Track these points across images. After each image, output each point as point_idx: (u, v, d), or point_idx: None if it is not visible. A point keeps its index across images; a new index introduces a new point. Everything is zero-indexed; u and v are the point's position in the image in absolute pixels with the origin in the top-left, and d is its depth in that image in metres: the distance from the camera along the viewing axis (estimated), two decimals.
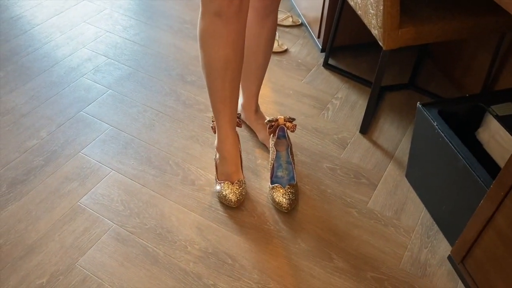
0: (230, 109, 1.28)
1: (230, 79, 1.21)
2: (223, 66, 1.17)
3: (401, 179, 1.48)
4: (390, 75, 1.89)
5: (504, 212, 0.99)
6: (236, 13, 1.08)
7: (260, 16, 1.32)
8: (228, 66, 1.18)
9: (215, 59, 1.16)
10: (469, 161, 1.14)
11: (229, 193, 1.34)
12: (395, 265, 1.26)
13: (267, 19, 1.33)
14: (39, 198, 1.37)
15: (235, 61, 1.17)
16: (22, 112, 1.64)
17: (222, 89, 1.23)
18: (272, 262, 1.25)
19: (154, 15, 2.16)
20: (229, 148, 1.35)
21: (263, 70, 1.45)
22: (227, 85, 1.22)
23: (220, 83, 1.22)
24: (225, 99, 1.25)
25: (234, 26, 1.11)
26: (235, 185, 1.35)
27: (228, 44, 1.13)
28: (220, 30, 1.11)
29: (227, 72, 1.19)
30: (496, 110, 1.26)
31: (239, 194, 1.34)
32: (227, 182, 1.36)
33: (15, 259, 1.23)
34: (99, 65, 1.87)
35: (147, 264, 1.23)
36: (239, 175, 1.37)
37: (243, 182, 1.38)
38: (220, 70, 1.19)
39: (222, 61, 1.16)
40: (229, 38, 1.12)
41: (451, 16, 1.39)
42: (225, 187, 1.35)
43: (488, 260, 1.07)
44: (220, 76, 1.20)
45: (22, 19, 2.09)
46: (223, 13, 1.08)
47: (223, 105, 1.27)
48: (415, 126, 1.34)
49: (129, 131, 1.60)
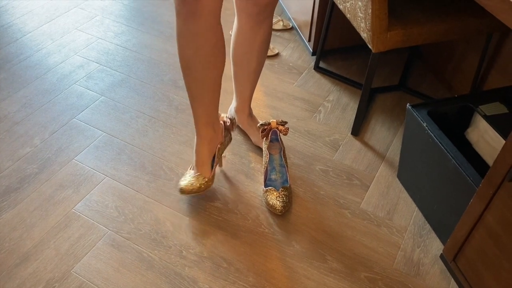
0: (201, 107, 1.29)
1: (196, 77, 1.21)
2: (187, 64, 1.19)
3: (393, 179, 1.50)
4: (381, 77, 1.91)
5: (494, 210, 1.00)
6: (191, 14, 1.08)
7: (254, 21, 1.33)
8: (191, 65, 1.19)
9: (180, 57, 1.20)
10: (459, 161, 1.16)
11: (182, 180, 1.35)
12: (389, 265, 1.28)
13: (261, 25, 1.34)
14: (33, 206, 1.38)
15: (196, 60, 1.17)
16: (15, 120, 1.64)
17: (190, 86, 1.25)
18: (267, 265, 1.26)
19: (145, 21, 2.17)
20: (199, 142, 1.36)
21: (257, 75, 1.47)
22: (194, 83, 1.23)
23: (188, 80, 1.24)
24: (194, 95, 1.27)
25: (192, 26, 1.11)
26: (194, 177, 1.34)
27: (189, 43, 1.14)
28: (181, 29, 1.13)
29: (191, 70, 1.20)
30: (485, 110, 1.28)
31: (190, 185, 1.32)
32: (191, 171, 1.37)
33: (11, 267, 1.23)
34: (91, 72, 1.87)
35: (143, 269, 1.24)
36: (203, 170, 1.35)
37: (205, 179, 1.35)
38: (185, 67, 1.21)
39: (185, 59, 1.18)
40: (188, 38, 1.14)
41: (439, 18, 1.41)
42: (187, 174, 1.37)
43: (479, 258, 1.08)
44: (186, 74, 1.22)
45: (13, 27, 2.09)
46: (180, 13, 1.09)
47: (193, 100, 1.28)
48: (405, 127, 1.36)
49: (122, 137, 1.60)
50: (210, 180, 1.36)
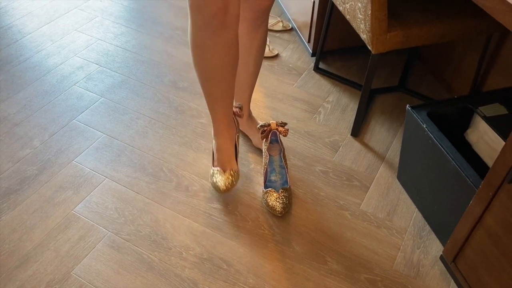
0: (222, 108, 1.30)
1: (221, 83, 1.22)
2: (212, 73, 1.19)
3: (393, 180, 1.50)
4: (381, 78, 1.91)
5: (493, 212, 1.00)
6: (220, 28, 1.09)
7: (251, 27, 1.33)
8: (217, 72, 1.19)
9: (204, 67, 1.19)
10: (459, 162, 1.16)
11: (219, 180, 1.36)
12: (389, 266, 1.28)
13: (258, 29, 1.34)
14: (33, 208, 1.38)
15: (223, 67, 1.18)
16: (15, 122, 1.64)
17: (213, 92, 1.26)
18: (267, 266, 1.26)
19: (145, 22, 2.17)
20: (222, 141, 1.37)
21: (255, 77, 1.47)
22: (217, 88, 1.24)
23: (210, 87, 1.24)
24: (217, 98, 1.28)
25: (220, 38, 1.11)
26: (226, 173, 1.36)
27: (215, 54, 1.14)
28: (206, 42, 1.12)
29: (217, 77, 1.21)
30: (484, 111, 1.28)
31: (228, 183, 1.35)
32: (219, 170, 1.37)
33: (10, 269, 1.23)
34: (91, 73, 1.87)
35: (143, 271, 1.24)
36: (232, 164, 1.38)
37: (236, 171, 1.38)
38: (210, 77, 1.21)
39: (211, 69, 1.18)
40: (216, 49, 1.13)
41: (438, 20, 1.41)
42: (217, 174, 1.37)
43: (479, 259, 1.08)
44: (210, 81, 1.22)
45: (12, 28, 2.09)
46: (208, 27, 1.08)
47: (215, 104, 1.29)
48: (405, 129, 1.36)
49: (122, 138, 1.60)
50: (238, 170, 1.40)
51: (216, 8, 1.04)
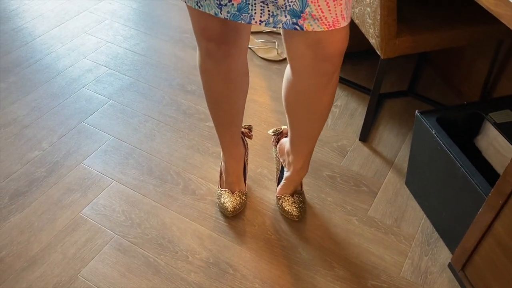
0: (229, 132, 1.30)
1: (226, 109, 1.23)
2: (216, 99, 1.20)
3: (401, 186, 1.49)
4: (389, 82, 1.90)
5: (503, 220, 0.99)
6: (224, 57, 1.08)
7: (322, 84, 1.02)
8: (221, 99, 1.20)
9: (208, 92, 1.20)
10: (468, 169, 1.14)
11: (227, 201, 1.36)
12: (396, 273, 1.27)
13: (328, 85, 1.03)
14: (41, 210, 1.38)
15: (227, 94, 1.19)
16: (24, 124, 1.66)
17: (218, 116, 1.26)
18: (274, 272, 1.26)
19: (154, 25, 2.18)
20: (231, 163, 1.37)
21: (317, 137, 1.22)
22: (222, 113, 1.25)
23: (216, 112, 1.25)
24: (223, 123, 1.28)
25: (225, 66, 1.11)
26: (234, 195, 1.36)
27: (220, 81, 1.15)
28: (210, 69, 1.12)
29: (221, 103, 1.21)
30: (494, 117, 1.27)
31: (236, 204, 1.36)
32: (228, 191, 1.37)
33: (18, 271, 1.24)
34: (100, 76, 1.88)
35: (149, 274, 1.24)
36: (240, 186, 1.39)
37: (244, 193, 1.39)
38: (214, 102, 1.22)
39: (215, 95, 1.19)
40: (220, 76, 1.14)
41: (448, 25, 1.40)
42: (225, 195, 1.37)
43: (488, 268, 1.07)
44: (215, 107, 1.23)
45: (23, 30, 2.11)
46: (213, 56, 1.08)
47: (221, 128, 1.30)
48: (414, 134, 1.35)
49: (130, 141, 1.61)
50: (246, 192, 1.41)
51: (215, 36, 1.03)
